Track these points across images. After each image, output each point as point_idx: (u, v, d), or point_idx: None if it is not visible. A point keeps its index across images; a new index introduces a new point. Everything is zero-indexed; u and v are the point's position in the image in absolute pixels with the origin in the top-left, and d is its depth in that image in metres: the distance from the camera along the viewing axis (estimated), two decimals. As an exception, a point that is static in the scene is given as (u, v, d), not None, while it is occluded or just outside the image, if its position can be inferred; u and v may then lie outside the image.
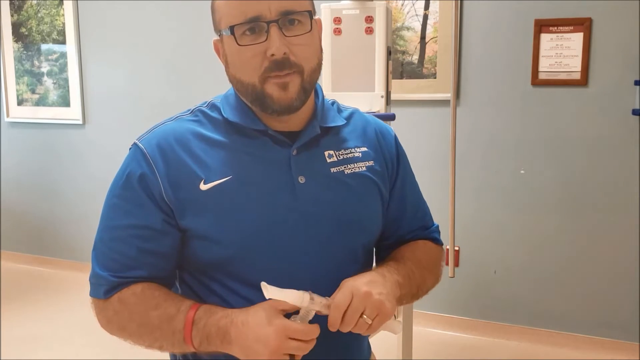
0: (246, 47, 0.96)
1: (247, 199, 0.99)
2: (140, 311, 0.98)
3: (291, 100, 0.97)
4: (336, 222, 1.03)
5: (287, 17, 0.95)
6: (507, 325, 3.17)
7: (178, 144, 1.00)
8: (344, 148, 1.07)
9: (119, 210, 1.02)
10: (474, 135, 3.10)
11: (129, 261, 1.00)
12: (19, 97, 4.27)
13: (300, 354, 0.91)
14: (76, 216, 4.20)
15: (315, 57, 1.01)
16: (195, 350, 0.96)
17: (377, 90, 2.30)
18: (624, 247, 2.92)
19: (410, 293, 1.07)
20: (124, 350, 3.34)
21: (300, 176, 1.01)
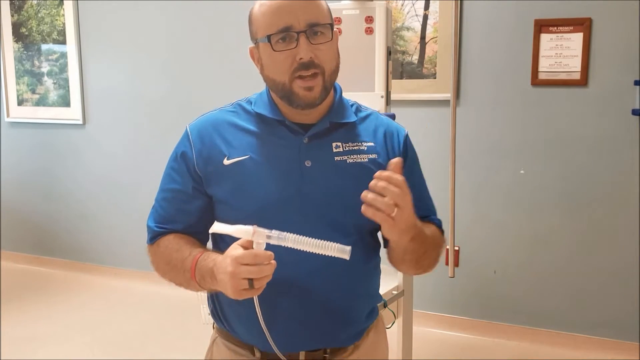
0: (280, 52, 1.17)
1: (260, 174, 1.20)
2: (168, 252, 1.24)
3: (314, 99, 1.19)
4: (335, 202, 1.20)
5: (313, 29, 1.16)
6: (507, 325, 3.17)
7: (214, 128, 1.26)
8: (351, 141, 1.25)
9: (167, 178, 1.30)
10: (474, 135, 3.11)
11: (169, 216, 1.28)
12: (19, 97, 4.27)
13: (254, 277, 1.05)
14: (76, 216, 4.20)
15: (334, 60, 1.21)
16: (198, 285, 1.19)
17: (377, 90, 2.30)
18: (624, 247, 2.92)
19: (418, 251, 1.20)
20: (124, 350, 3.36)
21: (307, 160, 1.21)
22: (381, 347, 1.39)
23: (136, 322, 3.43)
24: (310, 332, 1.23)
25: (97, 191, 4.10)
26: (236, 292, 1.07)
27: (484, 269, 3.19)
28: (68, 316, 3.53)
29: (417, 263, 1.24)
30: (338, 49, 1.24)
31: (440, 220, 1.36)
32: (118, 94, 3.95)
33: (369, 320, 1.34)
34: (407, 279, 2.42)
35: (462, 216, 3.08)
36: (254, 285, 1.05)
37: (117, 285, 3.98)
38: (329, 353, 1.26)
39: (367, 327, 1.33)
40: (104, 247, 4.12)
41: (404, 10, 3.15)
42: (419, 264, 1.25)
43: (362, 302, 1.30)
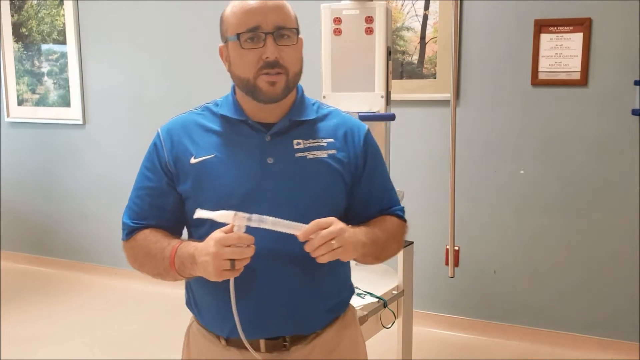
0: (248, 50, 1.24)
1: (224, 171, 1.28)
2: (147, 244, 1.32)
3: (276, 94, 1.26)
4: (295, 196, 1.28)
5: (280, 31, 1.24)
6: (507, 325, 3.17)
7: (182, 130, 1.34)
8: (312, 138, 1.33)
9: (141, 176, 1.36)
10: (474, 135, 3.11)
11: (143, 212, 1.35)
12: (19, 97, 4.27)
13: (235, 257, 1.14)
14: (76, 216, 4.20)
15: (298, 63, 1.30)
16: (177, 273, 1.26)
17: (377, 90, 2.30)
18: (624, 247, 2.92)
19: (374, 254, 1.31)
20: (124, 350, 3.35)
21: (269, 157, 1.29)
22: (347, 340, 1.42)
23: (136, 322, 3.43)
24: (270, 321, 1.30)
25: (97, 191, 4.10)
26: (217, 273, 1.15)
27: (484, 269, 3.19)
28: (68, 316, 3.53)
29: (378, 259, 1.35)
30: (302, 55, 1.32)
31: (402, 208, 1.45)
32: (118, 94, 3.95)
33: (334, 312, 1.39)
34: (407, 279, 2.42)
35: (462, 216, 3.08)
36: (235, 266, 1.14)
37: (117, 285, 3.98)
38: (288, 341, 1.32)
39: (332, 319, 1.38)
40: (104, 247, 4.12)
41: (404, 10, 3.15)
42: (380, 259, 1.36)
43: (324, 293, 1.35)
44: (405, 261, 2.38)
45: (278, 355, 1.32)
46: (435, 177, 3.15)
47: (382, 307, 2.26)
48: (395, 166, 2.67)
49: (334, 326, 1.38)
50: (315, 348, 1.35)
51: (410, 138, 3.18)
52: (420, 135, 3.21)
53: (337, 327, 1.39)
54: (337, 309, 1.40)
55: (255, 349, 1.30)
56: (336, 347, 1.38)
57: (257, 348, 1.31)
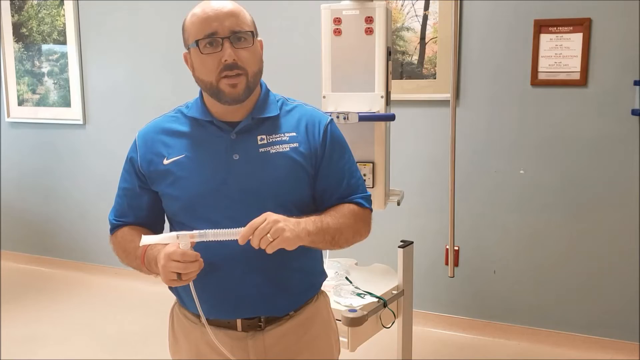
0: (207, 55, 1.33)
1: (193, 169, 1.38)
2: (124, 242, 1.47)
3: (238, 95, 1.35)
4: (259, 188, 1.36)
5: (236, 35, 1.33)
6: (507, 325, 3.17)
7: (156, 134, 1.45)
8: (274, 133, 1.41)
9: (121, 177, 1.50)
10: (474, 135, 3.11)
11: (123, 210, 1.51)
12: (20, 97, 4.27)
13: (179, 271, 1.24)
14: (76, 216, 4.20)
15: (257, 64, 1.38)
16: (147, 270, 1.38)
17: (377, 90, 2.30)
18: (624, 247, 2.93)
19: (325, 240, 1.36)
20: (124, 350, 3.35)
21: (234, 154, 1.38)
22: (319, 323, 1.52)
23: (136, 322, 3.43)
24: (246, 301, 1.40)
25: (97, 191, 4.11)
26: (167, 281, 1.28)
27: (484, 269, 3.19)
28: (68, 316, 3.53)
29: (332, 245, 1.40)
30: (261, 55, 1.41)
31: (365, 195, 1.48)
32: (118, 94, 3.95)
33: (306, 294, 1.49)
34: (407, 279, 2.42)
35: (462, 216, 3.08)
36: (181, 277, 1.25)
37: (117, 285, 3.98)
38: (263, 321, 1.42)
39: (305, 300, 1.48)
40: (104, 247, 4.09)
41: (404, 10, 3.16)
42: (336, 245, 1.40)
43: (297, 276, 1.44)
44: (405, 261, 2.39)
45: (254, 335, 1.42)
46: (435, 177, 3.15)
47: (382, 307, 2.27)
48: (395, 166, 2.67)
49: (305, 309, 1.48)
50: (289, 329, 1.44)
51: (410, 138, 3.19)
52: (420, 135, 3.21)
53: (310, 310, 1.49)
54: (308, 292, 1.49)
55: (233, 327, 1.42)
56: (308, 329, 1.48)
57: (234, 327, 1.42)
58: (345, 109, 2.31)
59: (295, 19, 3.38)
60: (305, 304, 1.49)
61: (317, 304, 1.52)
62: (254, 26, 1.40)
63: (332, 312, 1.60)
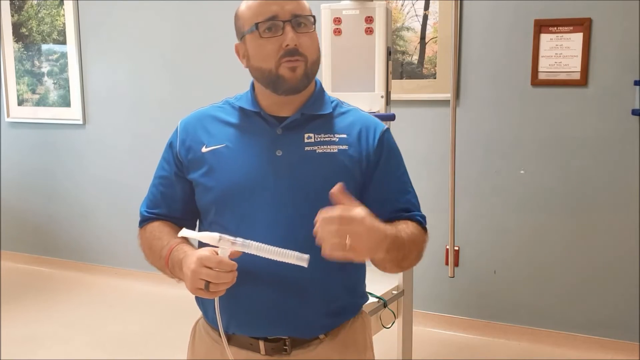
0: (267, 40, 1.24)
1: (232, 161, 1.29)
2: (151, 239, 1.36)
3: (297, 81, 1.26)
4: (300, 189, 1.26)
5: (297, 19, 1.25)
6: (507, 325, 3.17)
7: (198, 121, 1.36)
8: (323, 133, 1.31)
9: (159, 166, 1.41)
10: (474, 135, 3.11)
11: (156, 200, 1.40)
12: (20, 97, 4.27)
13: (211, 280, 1.12)
14: (76, 216, 4.20)
15: (316, 51, 1.30)
16: (170, 273, 1.28)
17: (377, 90, 2.30)
18: (624, 247, 2.92)
19: (396, 258, 1.21)
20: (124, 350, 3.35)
21: (278, 150, 1.28)
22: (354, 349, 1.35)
23: (136, 322, 3.43)
24: (270, 318, 1.27)
25: (97, 191, 4.10)
26: (192, 289, 1.16)
27: (484, 269, 3.19)
28: (68, 316, 3.53)
29: (398, 266, 1.26)
30: (319, 44, 1.33)
31: (422, 215, 1.35)
32: (118, 94, 3.95)
33: (342, 316, 1.33)
34: (407, 279, 2.42)
35: (462, 216, 3.08)
36: (209, 288, 1.13)
37: (117, 285, 3.98)
38: (289, 345, 1.28)
39: (339, 323, 1.33)
40: (104, 247, 4.12)
41: (404, 10, 3.15)
42: (400, 266, 1.27)
43: (332, 294, 1.29)
44: (405, 261, 2.38)
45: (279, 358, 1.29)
46: (435, 177, 3.14)
47: (382, 307, 2.27)
48: (395, 166, 2.67)
49: (339, 333, 1.32)
50: (318, 355, 1.29)
51: (410, 138, 3.18)
52: (420, 135, 3.21)
53: (344, 334, 1.33)
54: (342, 315, 1.34)
55: (256, 349, 1.29)
56: (341, 357, 1.32)
57: (257, 349, 1.29)
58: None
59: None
60: (340, 327, 1.33)
61: (354, 327, 1.36)
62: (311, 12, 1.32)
63: (370, 338, 1.43)
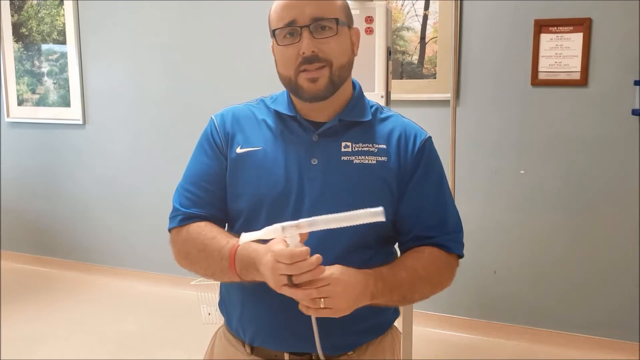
0: (285, 47, 1.20)
1: (266, 166, 1.23)
2: (201, 239, 1.22)
3: (319, 91, 1.19)
4: (333, 201, 1.19)
5: (318, 23, 1.18)
6: (507, 325, 3.17)
7: (234, 118, 1.30)
8: (362, 142, 1.24)
9: (197, 163, 1.30)
10: (474, 136, 3.11)
11: (198, 200, 1.27)
12: (19, 97, 4.27)
13: (291, 273, 1.04)
14: (76, 216, 4.20)
15: (344, 55, 1.22)
16: (237, 275, 1.16)
17: (377, 90, 2.30)
18: (624, 247, 2.92)
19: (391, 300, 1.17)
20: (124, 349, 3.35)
21: (313, 158, 1.22)
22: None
23: (136, 322, 3.43)
24: (295, 332, 1.21)
25: (97, 191, 4.10)
26: (278, 288, 1.07)
27: (484, 269, 3.19)
28: (68, 316, 3.53)
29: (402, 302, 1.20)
30: (352, 47, 1.25)
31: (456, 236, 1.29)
32: (118, 94, 3.95)
33: (370, 333, 1.28)
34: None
35: (462, 216, 3.07)
36: (293, 281, 1.05)
37: (117, 285, 3.98)
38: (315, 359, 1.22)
39: (367, 340, 1.28)
40: (104, 247, 4.12)
41: (404, 10, 3.15)
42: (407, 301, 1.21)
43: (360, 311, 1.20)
44: (405, 261, 2.38)
45: None
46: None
47: (382, 307, 2.26)
48: (395, 166, 2.67)
49: (367, 351, 1.28)
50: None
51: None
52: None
53: (372, 352, 1.29)
54: (372, 331, 1.30)
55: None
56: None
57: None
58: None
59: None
60: (369, 343, 1.28)
61: (383, 345, 1.31)
62: (344, 13, 1.23)
63: (398, 354, 1.39)
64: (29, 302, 3.74)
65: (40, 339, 3.22)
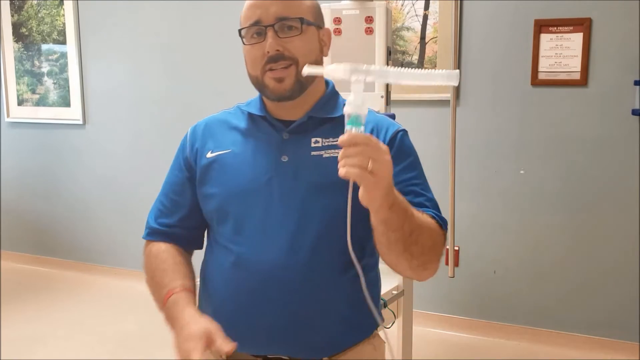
0: (251, 46, 1.22)
1: (236, 166, 1.25)
2: (155, 267, 1.31)
3: (285, 91, 1.21)
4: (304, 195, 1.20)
5: (283, 22, 1.19)
6: (507, 325, 3.17)
7: (207, 127, 1.34)
8: (332, 137, 1.24)
9: (169, 173, 1.37)
10: (474, 135, 3.10)
11: (165, 209, 1.35)
12: (19, 97, 4.27)
13: None
14: (76, 216, 4.20)
15: (311, 54, 1.22)
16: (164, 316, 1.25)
17: (377, 90, 2.30)
18: (624, 247, 2.92)
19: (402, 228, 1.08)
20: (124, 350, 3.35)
21: (283, 155, 1.24)
22: None
23: (136, 322, 3.43)
24: (267, 335, 1.21)
25: (97, 191, 4.10)
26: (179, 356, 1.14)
27: (484, 269, 3.19)
28: (68, 316, 3.53)
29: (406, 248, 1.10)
30: (320, 47, 1.26)
31: (442, 218, 1.24)
32: (118, 94, 3.95)
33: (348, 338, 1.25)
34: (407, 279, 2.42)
35: (462, 216, 3.08)
36: None
37: (117, 285, 3.98)
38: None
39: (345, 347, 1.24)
40: (105, 247, 4.11)
41: (404, 10, 3.15)
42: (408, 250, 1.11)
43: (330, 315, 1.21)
44: (405, 261, 2.38)
45: None
46: (435, 177, 3.12)
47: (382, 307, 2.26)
48: (395, 166, 2.67)
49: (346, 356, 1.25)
50: None
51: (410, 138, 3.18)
52: (420, 135, 3.18)
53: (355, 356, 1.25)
54: (350, 335, 1.26)
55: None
56: None
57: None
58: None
59: (295, 18, 3.38)
60: (346, 350, 1.24)
61: (362, 353, 1.27)
62: (312, 13, 1.24)
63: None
64: (29, 302, 3.74)
65: (40, 339, 3.22)
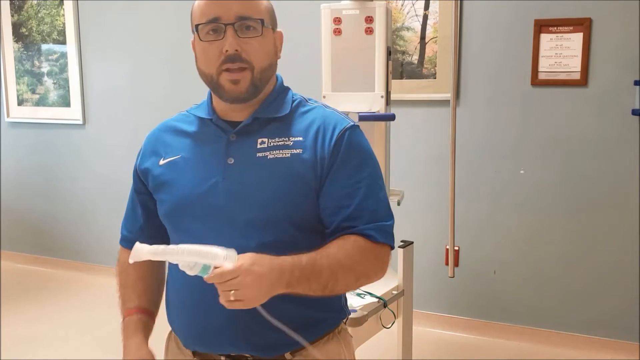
0: (208, 43, 1.18)
1: (185, 171, 1.24)
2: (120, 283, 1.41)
3: (241, 94, 1.19)
4: (250, 198, 1.18)
5: (243, 22, 1.16)
6: (507, 325, 3.17)
7: (159, 135, 1.35)
8: (278, 137, 1.22)
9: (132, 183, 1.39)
10: (474, 135, 3.11)
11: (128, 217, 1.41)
12: (19, 97, 4.27)
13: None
14: (76, 216, 4.20)
15: (266, 58, 1.21)
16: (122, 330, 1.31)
17: (377, 90, 2.30)
18: (624, 247, 2.92)
19: (311, 289, 1.12)
20: (124, 350, 3.30)
21: (229, 158, 1.21)
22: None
23: (136, 322, 3.43)
24: (226, 334, 1.19)
25: (97, 191, 4.10)
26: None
27: (484, 269, 3.19)
28: (68, 316, 3.53)
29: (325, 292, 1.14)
30: (272, 48, 1.23)
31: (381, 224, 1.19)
32: (118, 94, 3.95)
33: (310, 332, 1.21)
34: (407, 279, 2.42)
35: (462, 216, 3.08)
36: None
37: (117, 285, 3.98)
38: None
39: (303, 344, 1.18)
40: (104, 247, 4.11)
41: (404, 10, 3.15)
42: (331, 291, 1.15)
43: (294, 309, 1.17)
44: (405, 261, 2.38)
45: None
46: (435, 177, 3.14)
47: (382, 307, 2.26)
48: (395, 166, 2.67)
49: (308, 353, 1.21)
50: None
51: (410, 138, 3.18)
52: (420, 135, 3.21)
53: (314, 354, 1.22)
54: (312, 330, 1.23)
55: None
56: None
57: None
58: (345, 109, 2.31)
59: (295, 18, 3.37)
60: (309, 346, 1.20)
61: (326, 348, 1.24)
62: (269, 15, 1.22)
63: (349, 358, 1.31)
64: (29, 302, 3.74)
65: (40, 339, 3.22)
